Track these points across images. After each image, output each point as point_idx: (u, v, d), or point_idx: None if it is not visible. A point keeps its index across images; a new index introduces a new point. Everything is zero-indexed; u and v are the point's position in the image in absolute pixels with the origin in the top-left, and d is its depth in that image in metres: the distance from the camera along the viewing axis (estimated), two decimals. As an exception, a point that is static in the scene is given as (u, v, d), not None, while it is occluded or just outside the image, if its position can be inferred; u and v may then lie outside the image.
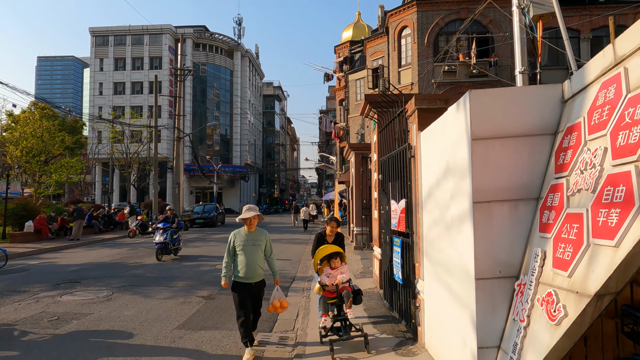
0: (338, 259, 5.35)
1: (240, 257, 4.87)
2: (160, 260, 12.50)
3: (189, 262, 12.41)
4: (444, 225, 3.69)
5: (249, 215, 4.84)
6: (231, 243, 4.94)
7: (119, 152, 35.78)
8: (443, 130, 3.77)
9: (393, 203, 5.75)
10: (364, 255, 13.09)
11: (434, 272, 4.07)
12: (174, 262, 12.24)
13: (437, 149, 3.95)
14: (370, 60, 26.59)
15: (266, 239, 5.03)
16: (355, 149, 14.71)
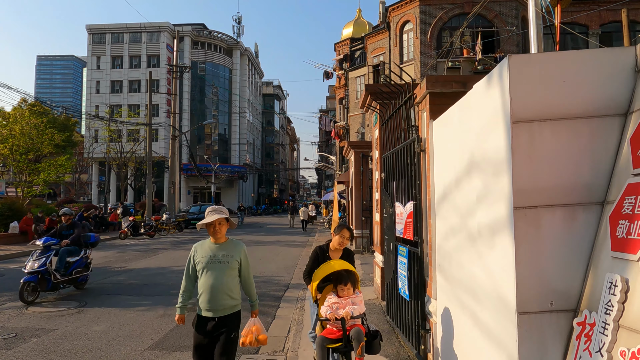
0: (349, 284, 3.61)
1: (201, 279, 3.37)
2: (28, 302, 7.36)
3: (177, 266, 11.61)
4: (467, 235, 2.91)
5: (211, 219, 3.32)
6: (191, 260, 3.47)
7: (115, 152, 34.95)
8: (464, 115, 2.98)
9: (398, 206, 4.96)
10: (364, 259, 12.31)
11: (452, 293, 3.28)
12: (159, 268, 11.44)
13: (456, 140, 3.17)
14: (371, 56, 25.82)
15: (241, 254, 3.44)
16: (355, 147, 13.93)
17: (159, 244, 17.67)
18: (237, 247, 3.48)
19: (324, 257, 4.09)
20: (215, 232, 3.38)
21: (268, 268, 11.44)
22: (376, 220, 7.69)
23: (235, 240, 3.56)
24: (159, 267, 11.57)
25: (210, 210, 3.45)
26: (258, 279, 9.86)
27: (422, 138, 4.21)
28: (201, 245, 3.50)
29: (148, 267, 11.58)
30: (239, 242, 3.57)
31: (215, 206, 3.51)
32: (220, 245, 3.42)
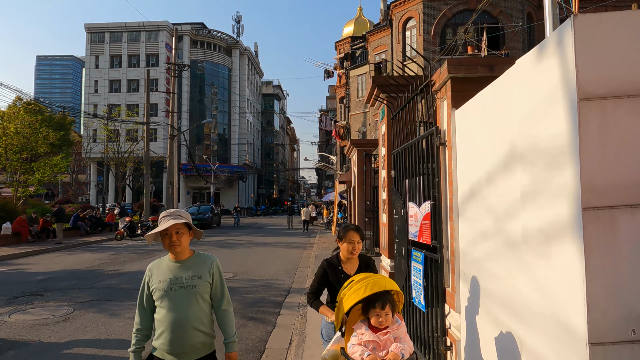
0: (387, 307, 2.30)
1: (159, 312, 2.46)
2: None
3: (174, 269, 11.15)
4: (504, 240, 2.44)
5: (164, 226, 2.42)
6: (145, 287, 2.53)
7: (113, 152, 34.49)
8: (500, 98, 2.52)
9: (412, 206, 4.49)
10: (368, 262, 11.84)
11: (483, 308, 2.81)
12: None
13: (488, 129, 2.70)
14: (373, 54, 25.36)
15: (212, 272, 2.55)
16: (358, 146, 13.47)
17: (155, 246, 17.11)
18: (206, 264, 2.54)
19: (336, 274, 3.13)
20: (172, 245, 2.44)
21: (268, 271, 10.98)
22: (383, 221, 7.23)
23: (203, 254, 2.64)
24: (154, 270, 11.09)
25: (164, 216, 2.50)
26: (257, 282, 9.41)
27: (441, 130, 3.75)
28: (157, 266, 2.55)
29: (142, 269, 11.02)
30: (209, 256, 2.64)
31: (171, 210, 2.59)
32: (183, 263, 2.50)
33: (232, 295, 7.98)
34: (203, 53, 58.98)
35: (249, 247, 16.75)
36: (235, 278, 9.89)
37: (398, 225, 5.17)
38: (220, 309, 2.58)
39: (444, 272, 3.66)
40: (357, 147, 13.40)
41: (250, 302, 7.68)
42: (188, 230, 2.53)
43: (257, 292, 8.42)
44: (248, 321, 6.43)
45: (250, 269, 11.18)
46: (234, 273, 10.51)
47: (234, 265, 11.79)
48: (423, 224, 4.05)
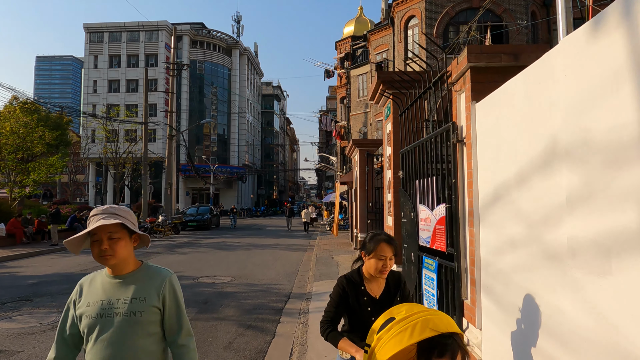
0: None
1: (88, 347, 1.78)
2: None
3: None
4: (542, 251, 2.10)
5: (93, 226, 1.76)
6: (70, 308, 1.87)
7: (111, 152, 34.14)
8: (538, 86, 2.18)
9: (423, 209, 4.16)
10: (370, 265, 11.50)
11: (512, 328, 2.46)
12: (151, 274, 10.62)
13: (520, 122, 2.37)
14: (374, 54, 25.04)
15: (162, 294, 1.86)
16: (360, 146, 13.14)
17: (152, 248, 16.85)
18: (154, 281, 1.85)
19: (358, 295, 2.41)
20: (103, 256, 1.77)
21: (267, 275, 10.63)
22: (388, 224, 6.89)
23: (154, 266, 1.93)
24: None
25: (93, 214, 1.81)
26: (256, 287, 9.06)
27: (458, 126, 3.41)
28: (90, 282, 1.88)
29: (138, 273, 10.75)
30: (161, 270, 1.92)
31: (104, 206, 1.85)
32: (123, 281, 1.83)
33: (230, 301, 7.64)
34: (202, 53, 58.67)
35: (248, 249, 16.41)
36: (234, 282, 9.55)
37: (407, 230, 4.83)
38: (176, 345, 1.84)
39: (462, 283, 3.32)
40: (359, 147, 13.07)
41: (248, 308, 7.34)
42: (128, 234, 1.81)
43: (256, 298, 8.08)
44: (246, 330, 6.09)
45: (249, 273, 10.84)
46: (232, 277, 10.17)
47: (232, 269, 11.44)
48: (437, 229, 3.72)
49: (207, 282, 9.49)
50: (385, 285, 2.45)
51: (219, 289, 8.83)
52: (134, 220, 1.88)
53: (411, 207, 4.61)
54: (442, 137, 3.64)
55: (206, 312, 7.06)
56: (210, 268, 11.59)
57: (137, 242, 1.91)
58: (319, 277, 10.05)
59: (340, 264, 12.02)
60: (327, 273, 10.56)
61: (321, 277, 10.14)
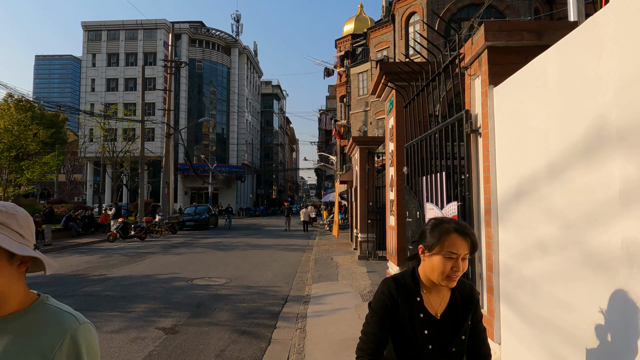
0: None
1: None
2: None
3: (164, 274, 10.44)
4: (584, 257, 1.75)
5: None
6: None
7: (108, 151, 33.75)
8: (579, 60, 1.82)
9: (431, 208, 3.80)
10: (371, 266, 11.15)
11: (544, 346, 2.11)
12: (142, 276, 10.25)
13: (550, 106, 2.01)
14: (374, 51, 24.69)
15: (59, 352, 1.07)
16: (360, 144, 12.78)
17: (148, 248, 16.50)
18: (47, 333, 1.10)
19: (411, 308, 1.65)
20: None
21: (264, 276, 10.28)
22: (391, 224, 6.53)
23: (55, 308, 1.17)
24: (143, 274, 10.39)
25: None
26: (252, 290, 8.70)
27: (472, 114, 3.06)
28: None
29: (131, 274, 10.39)
30: (65, 315, 1.15)
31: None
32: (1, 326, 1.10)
33: (224, 304, 7.28)
34: (201, 52, 58.30)
35: (245, 249, 16.05)
36: (229, 284, 9.18)
37: (412, 230, 4.48)
38: None
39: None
40: (360, 145, 12.71)
41: (243, 312, 6.99)
42: (6, 255, 1.09)
43: (251, 301, 7.72)
44: (240, 336, 5.74)
45: (246, 274, 10.48)
46: (228, 279, 9.81)
47: (228, 270, 11.09)
48: (447, 230, 3.35)
49: (201, 284, 9.13)
50: (451, 298, 1.68)
51: (214, 291, 8.47)
52: (24, 230, 1.16)
53: (417, 205, 4.26)
54: (453, 127, 3.28)
55: (199, 316, 6.70)
56: (206, 269, 11.23)
57: (25, 266, 1.15)
58: (317, 279, 9.71)
59: (340, 265, 11.67)
60: (326, 274, 10.21)
61: (320, 278, 9.80)
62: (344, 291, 8.35)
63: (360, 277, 9.85)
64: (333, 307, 7.11)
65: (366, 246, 12.52)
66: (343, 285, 8.99)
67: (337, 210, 19.82)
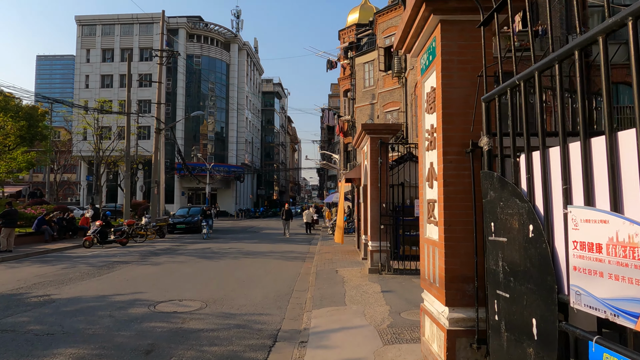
0: None
1: None
2: None
3: (124, 293, 8.24)
4: None
5: None
6: None
7: (94, 149, 31.61)
8: None
9: (601, 218, 1.58)
10: (386, 283, 8.94)
11: None
12: (96, 298, 8.02)
13: None
14: (382, 37, 22.49)
15: None
16: (371, 132, 10.57)
17: (125, 256, 14.34)
18: None
19: None
20: None
21: (251, 298, 8.07)
22: (430, 237, 4.32)
23: None
24: (97, 295, 8.19)
25: None
26: (232, 319, 6.50)
27: None
28: None
29: (82, 295, 8.19)
30: None
31: None
32: None
33: (186, 349, 4.33)
34: (200, 47, 56.21)
35: (235, 258, 13.85)
36: (202, 312, 6.98)
37: (510, 259, 2.27)
38: None
39: None
40: (371, 134, 10.51)
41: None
42: None
43: (227, 341, 5.52)
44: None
45: (228, 295, 8.28)
46: (203, 302, 7.61)
47: (207, 289, 8.89)
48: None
49: (166, 312, 6.94)
50: None
51: (179, 323, 6.27)
52: None
53: (527, 211, 2.04)
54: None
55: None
56: (180, 287, 9.04)
57: None
58: (319, 302, 7.51)
59: (347, 280, 9.47)
60: (330, 295, 8.01)
61: (322, 301, 7.60)
62: (355, 325, 6.14)
63: (374, 299, 7.64)
64: (341, 357, 4.91)
65: (378, 257, 10.30)
66: (353, 313, 6.79)
67: (342, 213, 17.61)
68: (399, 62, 19.82)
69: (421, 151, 4.71)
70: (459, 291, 3.73)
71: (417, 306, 7.05)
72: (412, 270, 10.07)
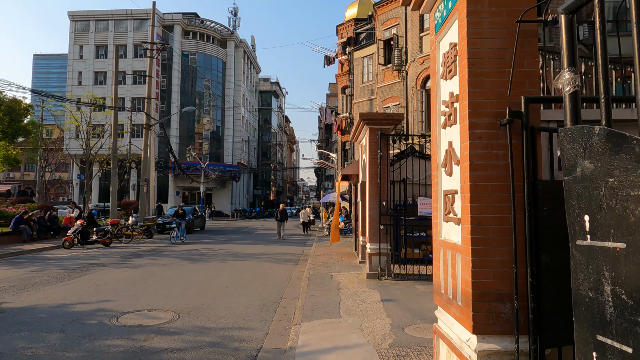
0: None
1: None
2: None
3: (88, 301, 7.20)
4: None
5: None
6: None
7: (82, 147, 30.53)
8: None
9: None
10: (386, 290, 7.94)
11: None
12: (54, 307, 6.96)
13: None
14: (382, 30, 21.52)
15: None
16: (371, 122, 9.58)
17: (104, 257, 13.31)
18: None
19: None
20: None
21: (233, 307, 7.06)
22: (448, 239, 3.34)
23: None
24: (56, 304, 7.16)
25: None
26: (205, 335, 5.49)
27: None
28: None
29: (39, 304, 7.16)
30: None
31: None
32: None
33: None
34: (195, 44, 55.20)
35: (223, 260, 12.84)
36: (172, 325, 5.96)
37: (634, 285, 1.25)
38: None
39: None
40: (370, 125, 9.52)
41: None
42: None
43: (194, 366, 4.51)
44: None
45: (207, 303, 7.27)
46: (175, 313, 6.59)
47: (186, 295, 7.87)
48: None
49: (129, 325, 5.92)
50: None
51: (141, 341, 5.26)
52: None
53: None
54: None
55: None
56: (155, 294, 8.03)
57: None
58: (310, 313, 6.51)
59: (342, 287, 8.47)
60: (322, 304, 7.02)
61: (314, 312, 6.61)
62: (351, 344, 5.14)
63: (373, 310, 6.64)
64: (333, 390, 3.91)
65: (377, 260, 9.30)
66: (348, 327, 5.79)
67: (338, 212, 16.61)
68: (400, 55, 18.86)
69: (434, 131, 3.71)
70: (492, 313, 2.73)
71: (423, 319, 6.06)
72: (415, 276, 9.07)
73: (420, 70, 17.23)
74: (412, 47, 17.71)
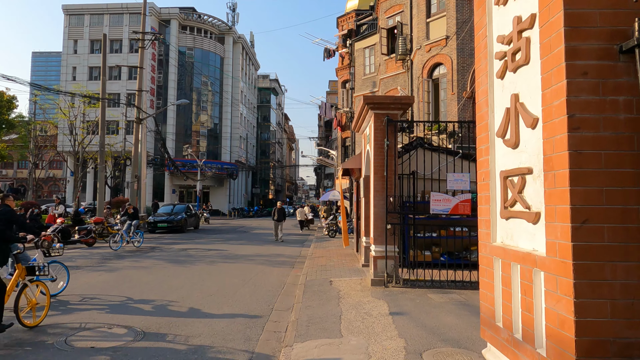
0: None
1: None
2: None
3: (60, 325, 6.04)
4: None
5: None
6: None
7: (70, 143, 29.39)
8: None
9: None
10: (395, 300, 6.76)
11: None
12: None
13: None
14: (384, 18, 20.34)
15: None
16: (375, 107, 8.40)
17: (82, 258, 12.17)
18: None
19: None
20: None
21: (212, 323, 5.89)
22: (509, 244, 2.13)
23: None
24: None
25: None
26: (177, 357, 4.30)
27: None
28: None
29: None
30: None
31: None
32: None
33: None
34: (192, 39, 54.01)
35: (212, 263, 11.66)
36: (132, 346, 4.79)
37: None
38: None
39: None
40: (375, 109, 8.34)
41: None
42: None
43: None
44: None
45: (181, 318, 6.09)
46: (140, 330, 5.41)
47: (158, 307, 6.70)
48: None
49: (78, 347, 4.74)
50: None
51: (85, 371, 4.09)
52: None
53: None
54: None
55: None
56: (123, 303, 6.85)
57: None
58: (305, 330, 5.35)
59: (344, 296, 7.30)
60: (320, 318, 5.85)
61: (310, 328, 5.45)
62: (356, 377, 3.97)
63: (382, 327, 5.47)
64: None
65: (383, 264, 8.12)
66: (351, 350, 4.62)
67: (344, 214, 15.47)
68: (404, 43, 17.68)
69: (482, 85, 2.53)
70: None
71: (443, 341, 4.90)
72: (427, 282, 7.89)
73: (426, 58, 16.06)
74: (418, 34, 16.52)
